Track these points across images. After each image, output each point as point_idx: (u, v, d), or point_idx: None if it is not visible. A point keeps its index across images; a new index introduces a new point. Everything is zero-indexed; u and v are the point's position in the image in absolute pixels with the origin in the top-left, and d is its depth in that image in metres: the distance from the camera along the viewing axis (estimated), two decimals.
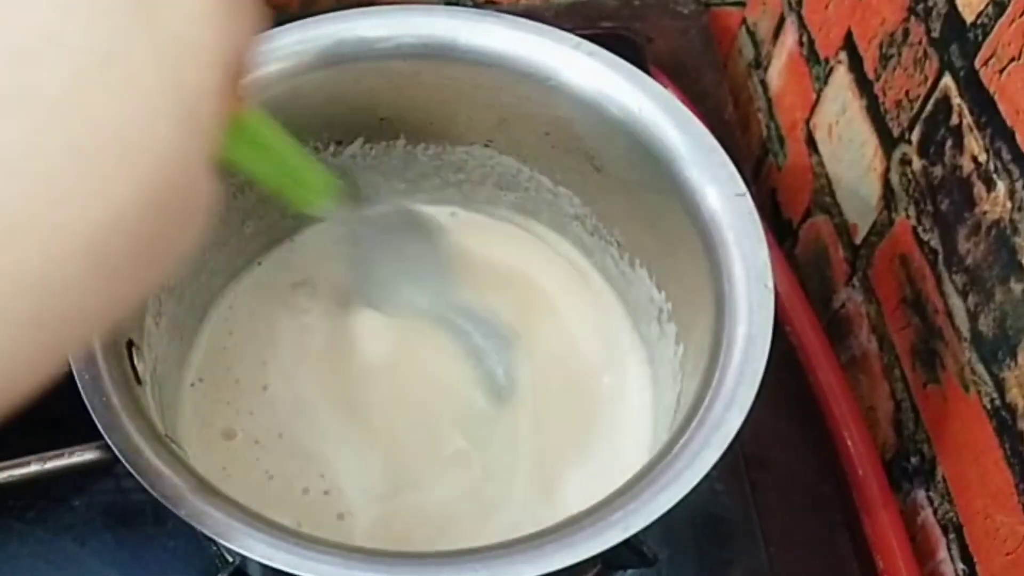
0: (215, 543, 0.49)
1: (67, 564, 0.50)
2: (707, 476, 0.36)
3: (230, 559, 0.47)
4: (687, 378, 0.44)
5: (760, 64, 0.73)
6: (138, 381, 0.40)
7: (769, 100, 0.71)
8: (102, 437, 0.36)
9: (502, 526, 0.47)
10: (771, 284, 0.40)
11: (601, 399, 0.52)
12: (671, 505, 0.35)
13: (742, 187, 0.43)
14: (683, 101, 0.67)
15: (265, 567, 0.44)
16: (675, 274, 0.48)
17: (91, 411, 0.36)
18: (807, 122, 0.65)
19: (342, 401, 0.51)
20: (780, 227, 0.69)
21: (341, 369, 0.53)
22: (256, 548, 0.34)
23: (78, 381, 0.37)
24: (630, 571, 0.51)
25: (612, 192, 0.50)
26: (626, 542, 0.43)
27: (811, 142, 0.64)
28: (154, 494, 0.35)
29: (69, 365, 0.37)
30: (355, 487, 0.49)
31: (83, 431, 0.37)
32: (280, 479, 0.49)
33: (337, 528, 0.47)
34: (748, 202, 0.42)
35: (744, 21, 0.76)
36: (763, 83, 0.72)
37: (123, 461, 0.35)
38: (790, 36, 0.67)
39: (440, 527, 0.48)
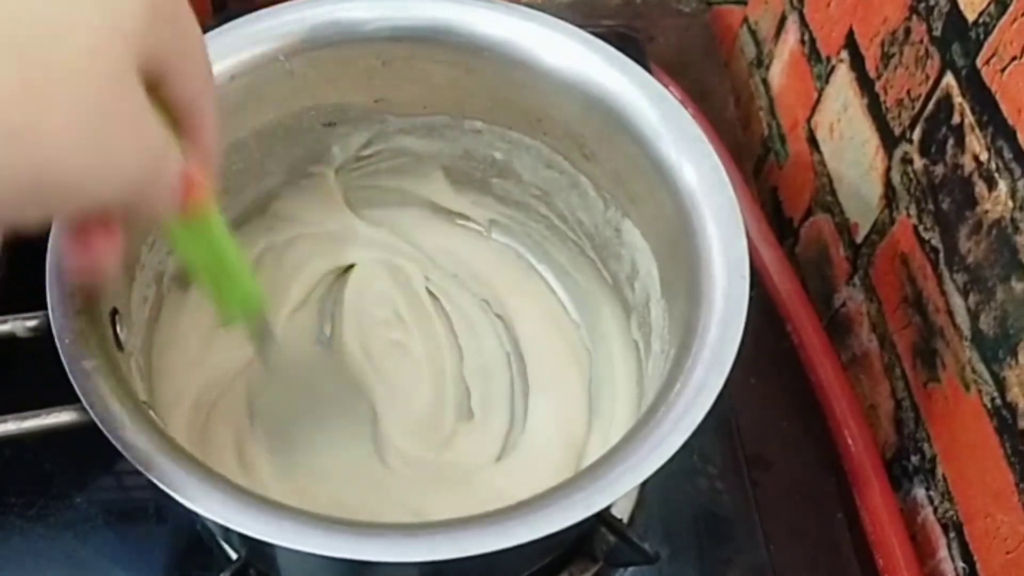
0: (216, 540, 0.49)
1: (68, 561, 0.50)
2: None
3: (233, 556, 0.47)
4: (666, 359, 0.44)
5: (762, 63, 0.73)
6: (120, 348, 0.40)
7: (771, 99, 0.71)
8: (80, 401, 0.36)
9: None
10: (747, 274, 0.40)
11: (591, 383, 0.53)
12: (633, 485, 0.35)
13: (724, 177, 0.43)
14: (684, 100, 0.68)
15: (266, 565, 0.45)
16: (663, 253, 0.48)
17: (69, 373, 0.36)
18: (808, 121, 0.65)
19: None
20: (781, 226, 0.69)
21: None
22: (227, 515, 0.34)
23: (58, 344, 0.37)
24: (631, 568, 0.51)
25: (602, 179, 0.50)
26: (621, 534, 0.43)
27: (812, 141, 0.64)
28: (127, 456, 0.35)
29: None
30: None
31: (67, 396, 0.37)
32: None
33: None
34: (729, 192, 0.42)
35: (746, 20, 0.76)
36: (764, 82, 0.72)
37: (97, 423, 0.35)
38: (792, 35, 0.67)
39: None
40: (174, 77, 0.28)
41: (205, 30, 0.45)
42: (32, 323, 0.39)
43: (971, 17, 0.47)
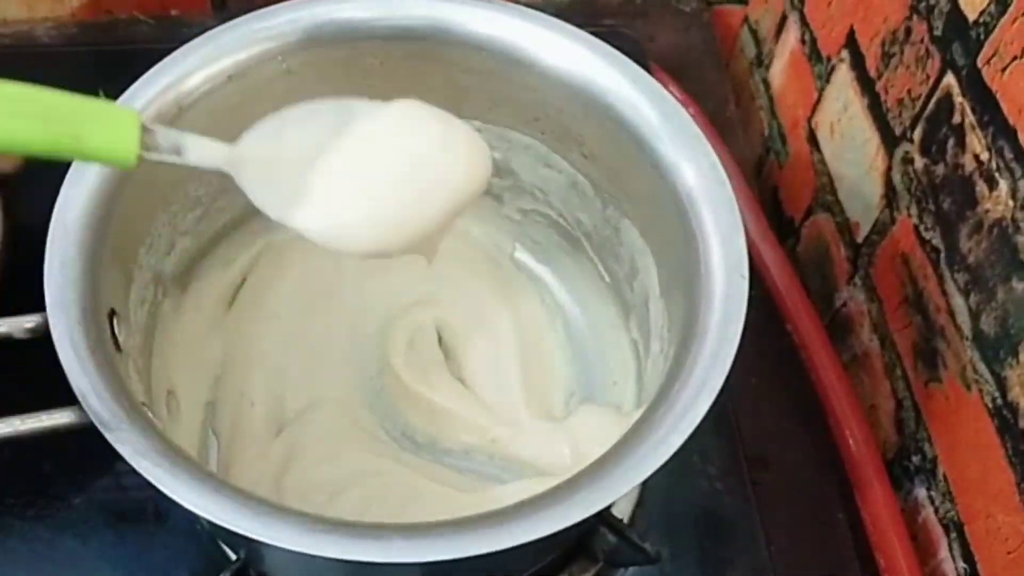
0: (216, 540, 0.49)
1: (68, 562, 0.50)
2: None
3: (232, 556, 0.47)
4: (665, 357, 0.44)
5: (762, 62, 0.73)
6: (118, 349, 0.40)
7: (771, 98, 0.71)
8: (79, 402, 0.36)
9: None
10: (746, 273, 0.40)
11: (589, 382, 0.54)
12: (633, 485, 0.35)
13: (723, 176, 0.43)
14: (685, 99, 0.68)
15: (265, 565, 0.45)
16: (662, 252, 0.48)
17: (67, 375, 0.37)
18: (809, 120, 0.65)
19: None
20: (782, 225, 0.69)
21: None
22: (226, 515, 0.34)
23: (56, 346, 0.37)
24: (632, 568, 0.51)
25: (600, 178, 0.50)
26: (622, 534, 0.43)
27: (813, 140, 0.64)
28: (125, 457, 0.35)
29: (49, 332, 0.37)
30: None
31: (65, 397, 0.37)
32: None
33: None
34: (728, 191, 0.42)
35: (746, 19, 0.76)
36: (765, 81, 0.72)
37: (95, 424, 0.36)
38: (792, 34, 0.67)
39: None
40: None
41: (205, 30, 0.45)
42: (30, 324, 0.39)
43: (972, 16, 0.47)
